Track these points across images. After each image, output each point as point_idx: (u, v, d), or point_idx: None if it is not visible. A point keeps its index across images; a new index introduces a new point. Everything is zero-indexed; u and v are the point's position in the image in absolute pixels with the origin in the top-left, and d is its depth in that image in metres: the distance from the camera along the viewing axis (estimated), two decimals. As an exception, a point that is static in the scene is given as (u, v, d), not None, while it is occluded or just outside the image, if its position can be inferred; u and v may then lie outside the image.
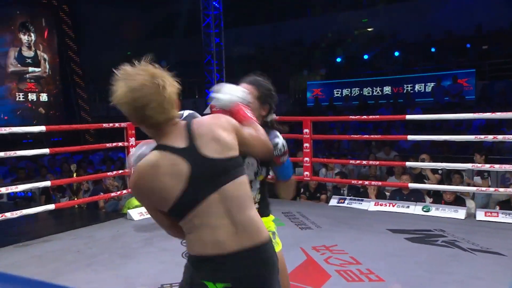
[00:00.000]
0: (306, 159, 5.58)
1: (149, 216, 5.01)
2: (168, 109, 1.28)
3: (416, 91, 12.65)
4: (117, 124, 5.14)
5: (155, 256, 3.82)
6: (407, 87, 12.82)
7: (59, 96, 15.50)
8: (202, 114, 1.45)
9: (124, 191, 5.43)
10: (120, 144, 5.22)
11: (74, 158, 10.81)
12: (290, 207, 5.41)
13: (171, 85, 1.29)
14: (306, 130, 5.50)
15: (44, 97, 15.08)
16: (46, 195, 7.04)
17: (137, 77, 1.26)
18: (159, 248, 4.07)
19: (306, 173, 5.60)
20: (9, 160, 9.90)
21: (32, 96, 14.77)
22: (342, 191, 6.22)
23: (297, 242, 4.03)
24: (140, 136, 5.43)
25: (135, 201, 5.66)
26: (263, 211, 1.79)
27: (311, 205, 5.92)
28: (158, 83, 1.26)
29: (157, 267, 3.55)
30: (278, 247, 1.86)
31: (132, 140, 5.18)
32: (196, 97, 16.30)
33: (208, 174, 1.27)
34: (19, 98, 14.54)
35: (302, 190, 6.24)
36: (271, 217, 1.88)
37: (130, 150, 5.16)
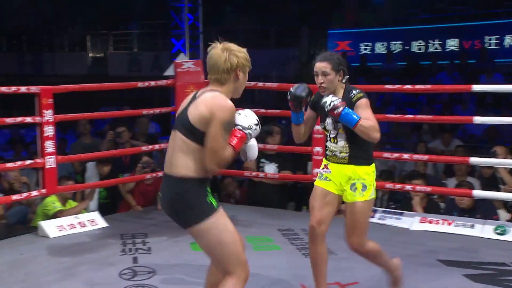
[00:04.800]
0: (318, 149, 5.50)
1: (73, 231, 4.93)
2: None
3: (504, 45, 12.50)
4: (23, 88, 5.00)
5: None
6: (485, 39, 12.72)
7: None
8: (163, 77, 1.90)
9: (35, 192, 5.32)
10: (28, 119, 5.10)
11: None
12: (291, 222, 5.37)
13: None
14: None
15: None
16: None
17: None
18: (84, 281, 4.02)
19: (318, 170, 5.51)
20: None
21: None
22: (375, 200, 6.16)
23: (296, 276, 3.98)
24: (62, 108, 5.36)
25: (52, 206, 5.59)
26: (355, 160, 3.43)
27: (325, 219, 5.85)
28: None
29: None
30: (362, 198, 3.42)
31: (49, 114, 5.07)
32: (159, 48, 16.16)
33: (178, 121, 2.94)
34: None
35: (311, 196, 6.20)
36: (367, 167, 3.44)
37: (44, 129, 5.06)
